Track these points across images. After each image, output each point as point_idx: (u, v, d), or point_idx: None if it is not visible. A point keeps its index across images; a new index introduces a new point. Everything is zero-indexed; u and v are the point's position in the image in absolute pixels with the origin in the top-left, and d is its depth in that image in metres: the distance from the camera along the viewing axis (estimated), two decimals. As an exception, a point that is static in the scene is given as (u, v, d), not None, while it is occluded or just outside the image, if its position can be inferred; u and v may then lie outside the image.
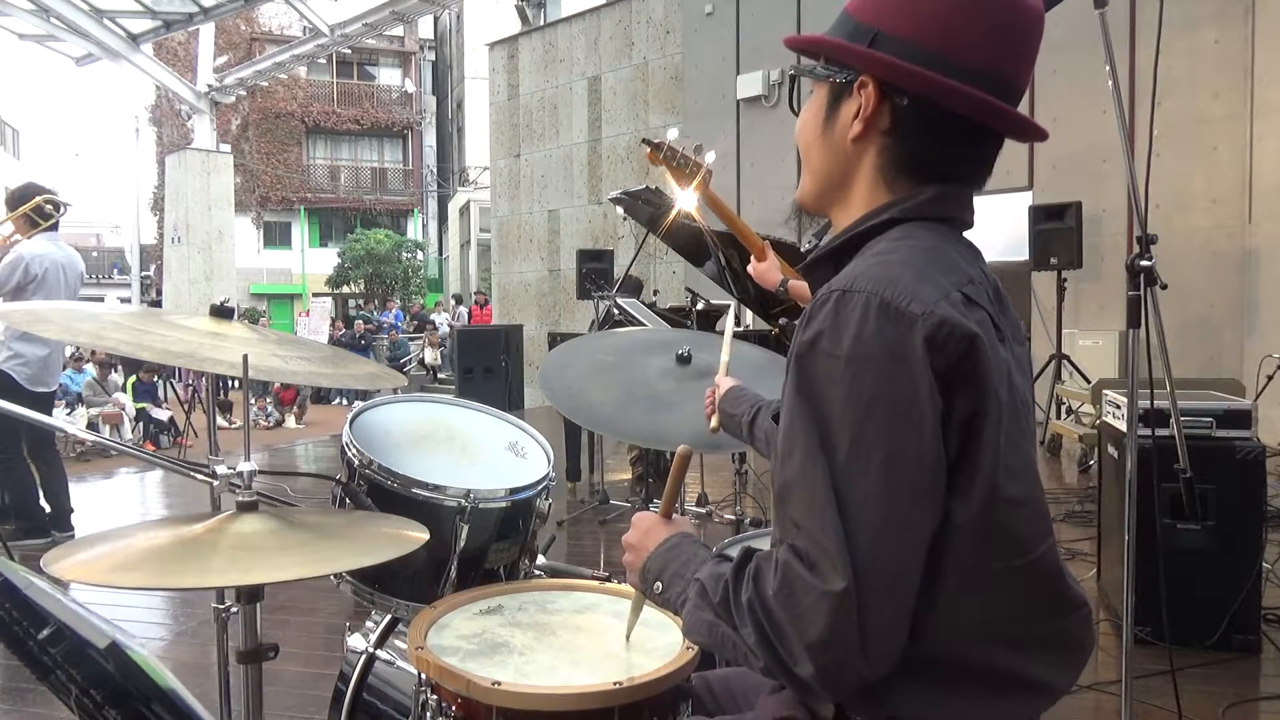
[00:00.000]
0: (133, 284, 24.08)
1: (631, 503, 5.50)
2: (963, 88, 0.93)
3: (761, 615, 0.88)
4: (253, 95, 26.13)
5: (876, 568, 0.83)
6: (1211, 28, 6.99)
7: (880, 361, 0.84)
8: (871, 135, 0.99)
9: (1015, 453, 0.89)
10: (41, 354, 4.37)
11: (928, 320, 0.84)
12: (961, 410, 0.86)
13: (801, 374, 0.89)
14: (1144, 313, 2.05)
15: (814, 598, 0.84)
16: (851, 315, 0.86)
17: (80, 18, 15.24)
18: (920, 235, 0.96)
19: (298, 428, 13.37)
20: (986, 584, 0.90)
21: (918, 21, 0.94)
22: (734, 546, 1.81)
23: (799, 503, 0.87)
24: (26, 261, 4.27)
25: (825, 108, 1.03)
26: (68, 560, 1.09)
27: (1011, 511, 0.90)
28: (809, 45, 1.04)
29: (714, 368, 1.88)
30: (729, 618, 0.92)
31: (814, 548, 0.85)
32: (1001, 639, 0.92)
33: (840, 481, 0.85)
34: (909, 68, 0.94)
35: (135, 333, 1.36)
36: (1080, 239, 6.62)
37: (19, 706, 2.80)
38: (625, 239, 11.05)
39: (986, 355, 0.86)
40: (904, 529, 0.85)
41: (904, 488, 0.84)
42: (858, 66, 0.98)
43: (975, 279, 0.93)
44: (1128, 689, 2.11)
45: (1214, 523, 2.94)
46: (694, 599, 0.98)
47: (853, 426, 0.85)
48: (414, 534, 1.27)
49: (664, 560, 1.07)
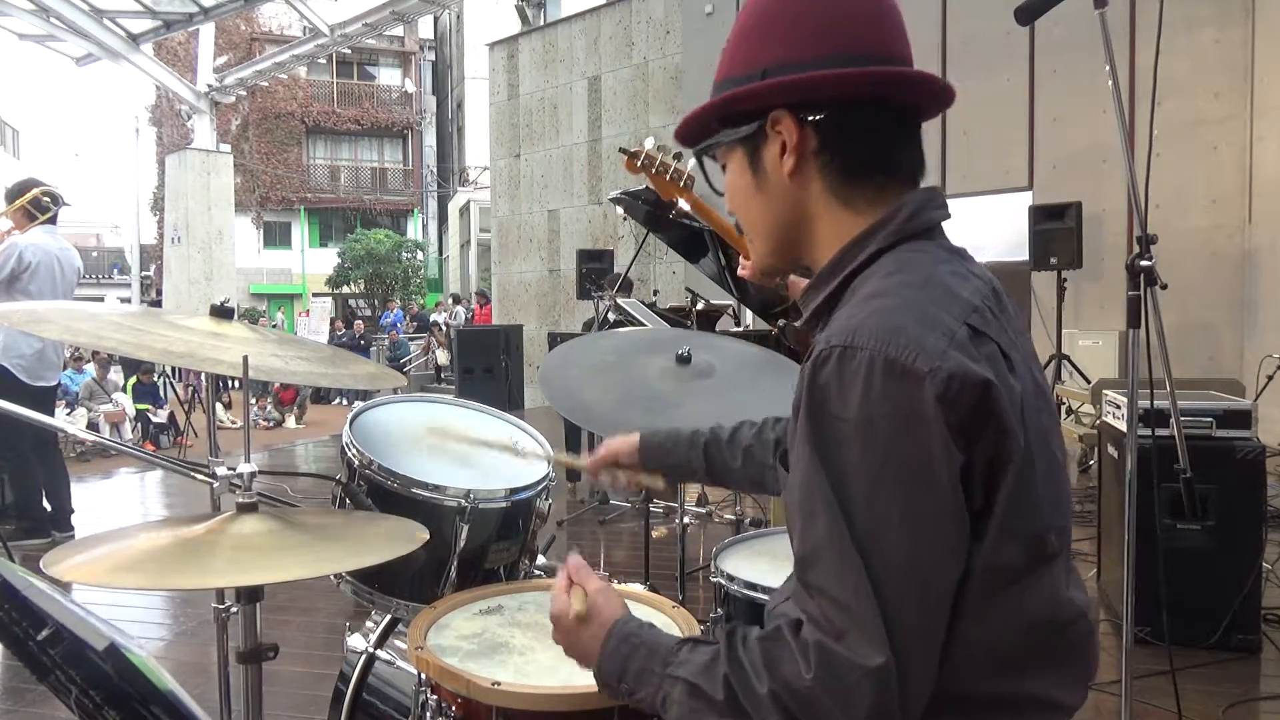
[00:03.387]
0: (133, 284, 24.08)
1: (631, 502, 5.50)
2: (863, 70, 0.94)
3: (793, 705, 0.83)
4: (253, 95, 26.14)
5: (909, 634, 0.81)
6: (1211, 28, 6.98)
7: (890, 423, 0.82)
8: (806, 162, 0.98)
9: (1029, 490, 0.87)
10: (37, 346, 4.37)
11: (936, 376, 0.81)
12: (982, 458, 0.84)
13: (814, 435, 0.86)
14: (1144, 313, 2.05)
15: (858, 676, 0.81)
16: (856, 375, 0.83)
17: (80, 18, 15.23)
18: (911, 263, 0.93)
19: (298, 428, 13.37)
20: (996, 614, 0.88)
21: (792, 43, 0.96)
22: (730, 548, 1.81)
23: (826, 570, 0.84)
24: (20, 250, 4.29)
25: (748, 165, 1.01)
26: (68, 561, 1.09)
27: (1019, 548, 0.88)
28: (701, 118, 1.03)
29: (714, 368, 1.88)
30: (741, 715, 0.86)
31: (845, 619, 0.82)
32: (1013, 665, 0.90)
33: (864, 546, 0.82)
34: (811, 75, 0.94)
35: (135, 333, 1.36)
36: (1080, 239, 6.62)
37: (19, 706, 2.80)
38: (625, 239, 11.06)
39: (1002, 399, 0.84)
40: (930, 589, 0.83)
41: (927, 547, 0.82)
42: (764, 106, 0.97)
43: (977, 304, 0.90)
44: (1128, 689, 2.11)
45: (1214, 523, 2.95)
46: (684, 701, 0.91)
47: (869, 489, 0.83)
48: (414, 534, 1.27)
49: (621, 658, 0.98)
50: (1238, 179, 6.95)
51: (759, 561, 1.69)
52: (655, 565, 3.88)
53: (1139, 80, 7.04)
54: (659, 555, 4.26)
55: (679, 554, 2.85)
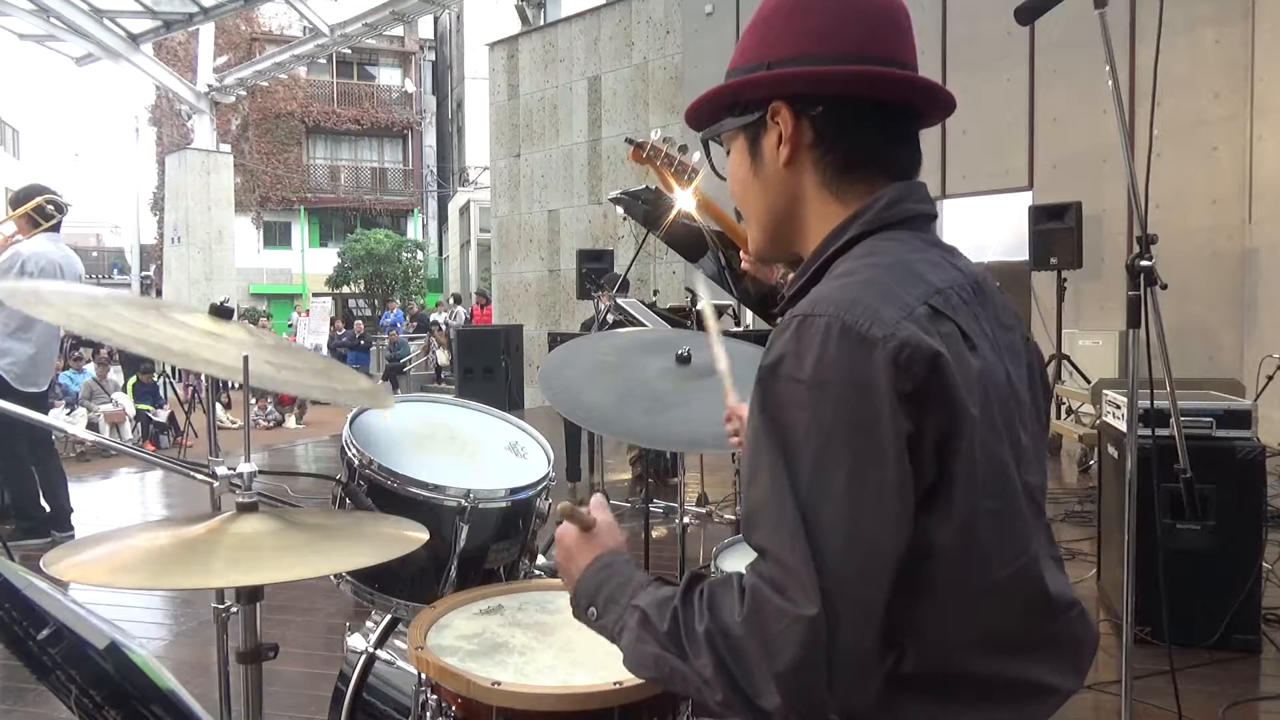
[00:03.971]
0: (133, 284, 24.10)
1: (631, 502, 5.50)
2: (863, 68, 0.97)
3: (722, 645, 0.86)
4: (253, 95, 26.14)
5: (845, 594, 0.82)
6: (1211, 28, 6.99)
7: (842, 386, 0.84)
8: (800, 154, 1.01)
9: (992, 466, 0.88)
10: (29, 352, 4.36)
11: (888, 343, 0.83)
12: (933, 430, 0.85)
13: (765, 398, 0.88)
14: (1144, 313, 2.05)
15: (786, 623, 0.82)
16: (813, 340, 0.85)
17: (80, 18, 15.24)
18: (884, 248, 0.96)
19: (298, 428, 13.37)
20: (975, 597, 0.89)
21: (797, 39, 0.99)
22: (731, 548, 1.81)
23: (766, 527, 0.86)
24: (23, 259, 4.28)
25: (748, 152, 1.05)
26: (68, 561, 1.08)
27: (992, 525, 0.89)
28: (710, 102, 1.07)
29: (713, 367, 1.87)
30: (678, 649, 0.89)
31: (781, 572, 0.84)
32: (997, 648, 0.91)
33: (806, 506, 0.84)
34: (811, 70, 0.97)
35: (134, 325, 1.35)
36: (1080, 239, 6.62)
37: (19, 706, 2.80)
38: (625, 239, 11.06)
39: (952, 371, 0.85)
40: (871, 554, 0.83)
41: (869, 512, 0.83)
42: (765, 95, 1.00)
43: (943, 287, 0.92)
44: (1128, 689, 2.11)
45: (1214, 523, 2.94)
46: (635, 629, 0.95)
47: (816, 451, 0.84)
48: (414, 534, 1.27)
49: (597, 581, 1.02)
50: (1238, 179, 6.95)
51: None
52: (655, 565, 3.88)
53: (1139, 80, 7.04)
54: (659, 555, 4.26)
55: (679, 554, 2.85)
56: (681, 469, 4.42)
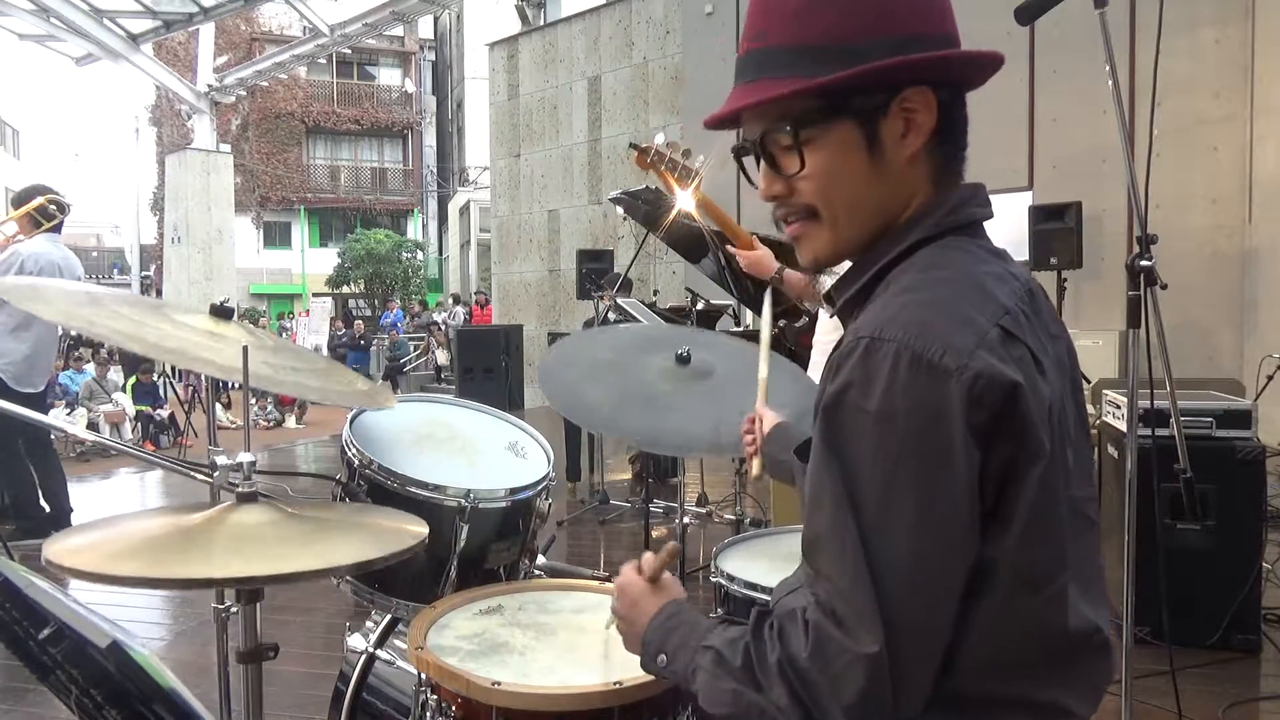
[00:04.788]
0: (133, 284, 24.09)
1: (631, 502, 5.50)
2: (986, 51, 0.92)
3: (794, 676, 0.85)
4: (253, 95, 26.13)
5: (908, 628, 0.82)
6: (1211, 28, 6.98)
7: (911, 417, 0.81)
8: (920, 146, 0.94)
9: (1050, 495, 0.86)
10: (25, 352, 4.37)
11: (963, 375, 0.80)
12: (998, 460, 0.83)
13: (830, 426, 0.86)
14: (1144, 313, 2.05)
15: (847, 660, 0.82)
16: (881, 367, 0.82)
17: (80, 18, 15.23)
18: (949, 260, 0.92)
19: (298, 428, 13.36)
20: (1013, 620, 0.88)
21: (908, 18, 0.91)
22: (730, 548, 1.81)
23: (828, 557, 0.85)
24: (23, 259, 4.29)
25: (864, 144, 0.93)
26: (65, 543, 1.07)
27: (1040, 552, 0.87)
28: (810, 90, 0.90)
29: (712, 367, 1.87)
30: (753, 682, 0.89)
31: (843, 605, 0.83)
32: (1026, 671, 0.90)
33: (870, 538, 0.82)
34: (945, 53, 0.91)
35: (132, 324, 1.35)
36: (1080, 239, 6.62)
37: (19, 706, 2.80)
38: (625, 239, 11.05)
39: (1028, 402, 0.82)
40: (935, 587, 0.83)
41: (935, 545, 0.82)
42: (897, 81, 0.91)
43: (1012, 307, 0.88)
44: (1128, 689, 2.12)
45: (1214, 523, 2.95)
46: (709, 668, 0.94)
47: (882, 482, 0.82)
48: (414, 527, 1.26)
49: (665, 631, 1.03)
50: (1238, 179, 6.95)
51: (759, 561, 1.68)
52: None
53: (1139, 80, 7.03)
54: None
55: (679, 554, 2.85)
56: (681, 469, 4.43)
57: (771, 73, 0.92)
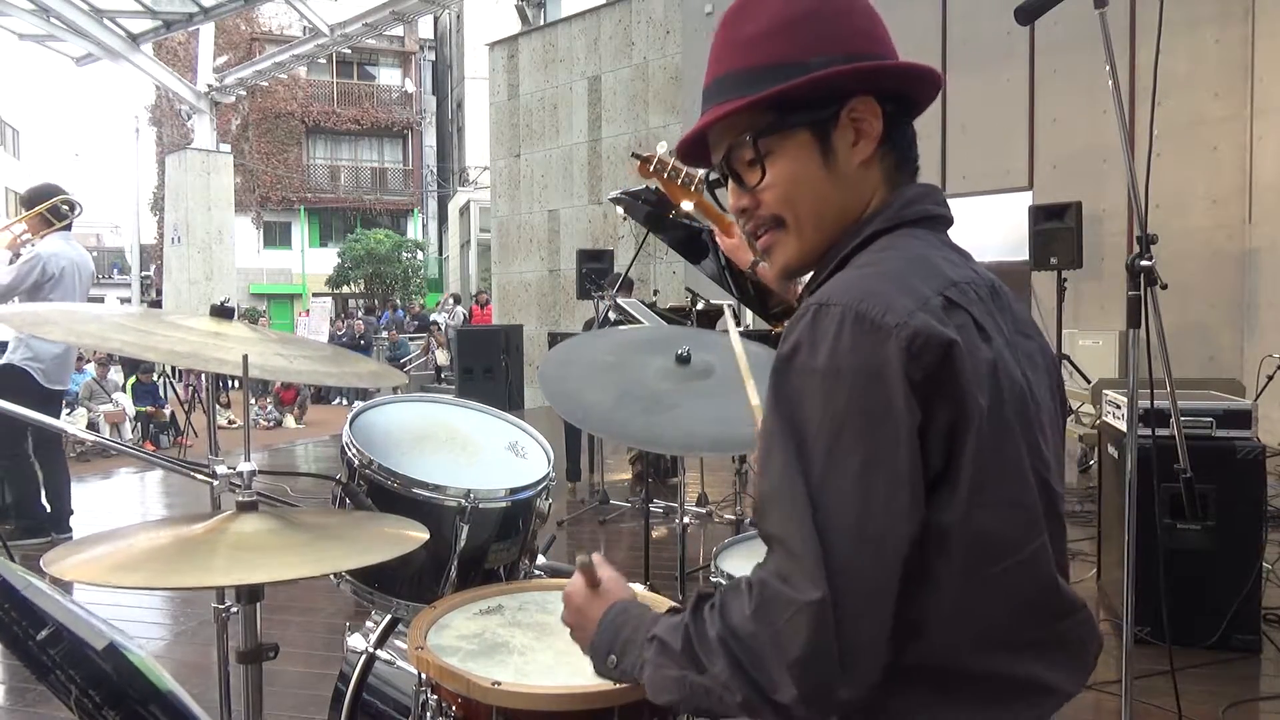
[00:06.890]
0: (133, 284, 24.10)
1: (631, 502, 5.50)
2: (920, 65, 1.00)
3: (734, 644, 0.86)
4: (253, 95, 26.13)
5: (853, 578, 0.83)
6: (1211, 28, 6.99)
7: (855, 375, 0.84)
8: (872, 152, 1.01)
9: (999, 456, 0.88)
10: (57, 351, 4.42)
11: (901, 331, 0.83)
12: (942, 419, 0.85)
13: (779, 387, 0.89)
14: (1144, 313, 2.05)
15: (792, 611, 0.83)
16: (828, 329, 0.86)
17: (80, 18, 15.22)
18: (903, 244, 0.97)
19: (298, 428, 13.36)
20: (980, 589, 0.89)
21: (850, 38, 0.99)
22: (730, 548, 1.81)
23: (776, 515, 0.87)
24: (44, 261, 4.31)
25: (817, 152, 1.00)
26: (68, 560, 1.08)
27: (997, 515, 0.88)
28: (756, 104, 0.97)
29: (713, 367, 1.87)
30: (694, 663, 0.90)
31: (788, 561, 0.85)
32: (1001, 645, 0.91)
33: (816, 493, 0.84)
34: (888, 64, 0.99)
35: (139, 334, 1.36)
36: (1080, 239, 6.61)
37: (19, 706, 2.80)
38: (625, 239, 11.05)
39: (964, 360, 0.85)
40: (879, 541, 0.84)
41: (879, 500, 0.84)
42: (844, 91, 0.98)
43: (960, 281, 0.92)
44: (1128, 689, 2.11)
45: (1214, 523, 2.95)
46: (653, 658, 0.95)
47: (828, 439, 0.85)
48: (414, 534, 1.27)
49: (613, 630, 1.03)
50: (1238, 179, 6.95)
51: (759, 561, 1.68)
52: (655, 565, 3.88)
53: (1139, 80, 7.04)
54: (659, 555, 4.26)
55: (679, 554, 2.85)
56: (681, 469, 4.43)
57: (730, 94, 1.01)
